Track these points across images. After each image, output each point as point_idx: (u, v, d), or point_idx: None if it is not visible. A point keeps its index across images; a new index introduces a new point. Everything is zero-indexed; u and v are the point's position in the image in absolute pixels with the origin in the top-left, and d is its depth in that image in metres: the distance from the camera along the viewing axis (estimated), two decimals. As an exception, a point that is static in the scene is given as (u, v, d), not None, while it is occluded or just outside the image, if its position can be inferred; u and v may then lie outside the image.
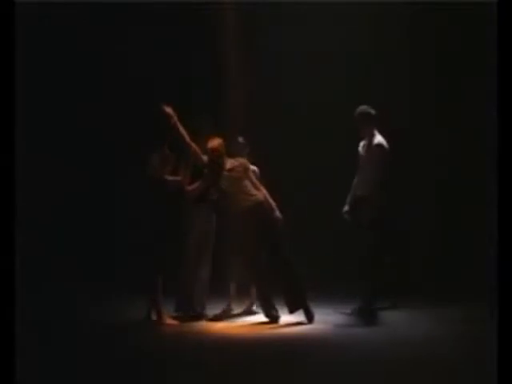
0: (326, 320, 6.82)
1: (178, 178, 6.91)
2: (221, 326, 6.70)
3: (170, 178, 6.88)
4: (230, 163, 6.96)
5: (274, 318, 6.73)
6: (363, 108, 7.31)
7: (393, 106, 9.30)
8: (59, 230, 9.13)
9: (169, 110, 6.81)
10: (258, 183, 7.05)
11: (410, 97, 9.30)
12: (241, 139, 7.38)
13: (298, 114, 9.37)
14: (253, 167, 7.25)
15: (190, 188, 6.93)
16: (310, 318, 6.69)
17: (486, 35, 7.45)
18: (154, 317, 6.84)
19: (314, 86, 9.28)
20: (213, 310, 7.19)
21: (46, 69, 9.10)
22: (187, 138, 6.83)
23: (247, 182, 6.94)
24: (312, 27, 9.37)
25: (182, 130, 6.81)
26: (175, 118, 6.79)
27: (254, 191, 6.92)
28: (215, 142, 6.92)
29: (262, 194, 6.96)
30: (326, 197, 8.75)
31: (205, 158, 6.94)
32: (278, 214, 6.96)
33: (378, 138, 7.30)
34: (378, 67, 9.32)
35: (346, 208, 7.38)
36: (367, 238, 7.03)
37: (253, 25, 9.35)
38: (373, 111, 7.30)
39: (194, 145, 6.88)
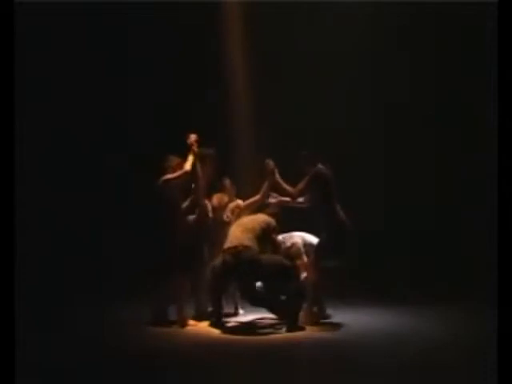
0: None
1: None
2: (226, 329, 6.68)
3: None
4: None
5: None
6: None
7: (392, 106, 9.34)
8: (59, 230, 9.11)
9: (192, 140, 6.85)
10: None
11: (409, 96, 9.30)
12: (227, 182, 7.42)
13: (298, 114, 9.37)
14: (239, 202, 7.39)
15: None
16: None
17: (486, 35, 7.49)
18: (174, 318, 6.80)
19: (314, 86, 9.27)
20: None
21: (45, 69, 9.08)
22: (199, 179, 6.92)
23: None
24: (312, 27, 9.37)
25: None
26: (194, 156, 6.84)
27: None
28: (220, 200, 7.22)
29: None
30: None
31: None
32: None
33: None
34: (378, 67, 9.32)
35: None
36: None
37: (254, 25, 9.34)
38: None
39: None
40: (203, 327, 6.62)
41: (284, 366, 5.22)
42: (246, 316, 7.24)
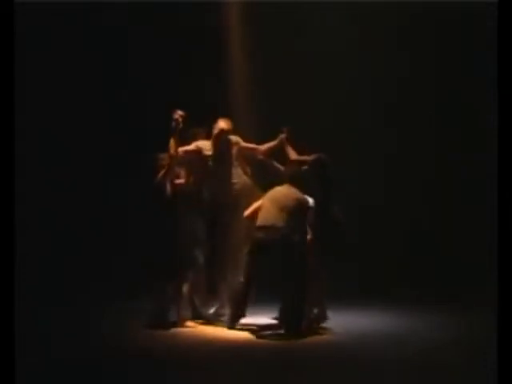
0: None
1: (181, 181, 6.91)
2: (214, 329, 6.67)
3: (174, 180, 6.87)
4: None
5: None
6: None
7: (392, 106, 9.34)
8: (59, 230, 9.10)
9: (177, 116, 6.81)
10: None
11: (409, 97, 9.30)
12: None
13: (298, 113, 9.35)
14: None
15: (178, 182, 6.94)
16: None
17: (487, 35, 7.48)
18: (172, 318, 6.78)
19: (314, 85, 9.27)
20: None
21: (45, 69, 9.08)
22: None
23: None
24: (312, 27, 9.36)
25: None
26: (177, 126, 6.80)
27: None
28: (229, 125, 7.30)
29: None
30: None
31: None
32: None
33: None
34: (378, 67, 9.32)
35: None
36: None
37: (254, 25, 9.33)
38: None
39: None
40: (202, 328, 6.62)
41: (283, 368, 5.22)
42: (245, 318, 7.23)
